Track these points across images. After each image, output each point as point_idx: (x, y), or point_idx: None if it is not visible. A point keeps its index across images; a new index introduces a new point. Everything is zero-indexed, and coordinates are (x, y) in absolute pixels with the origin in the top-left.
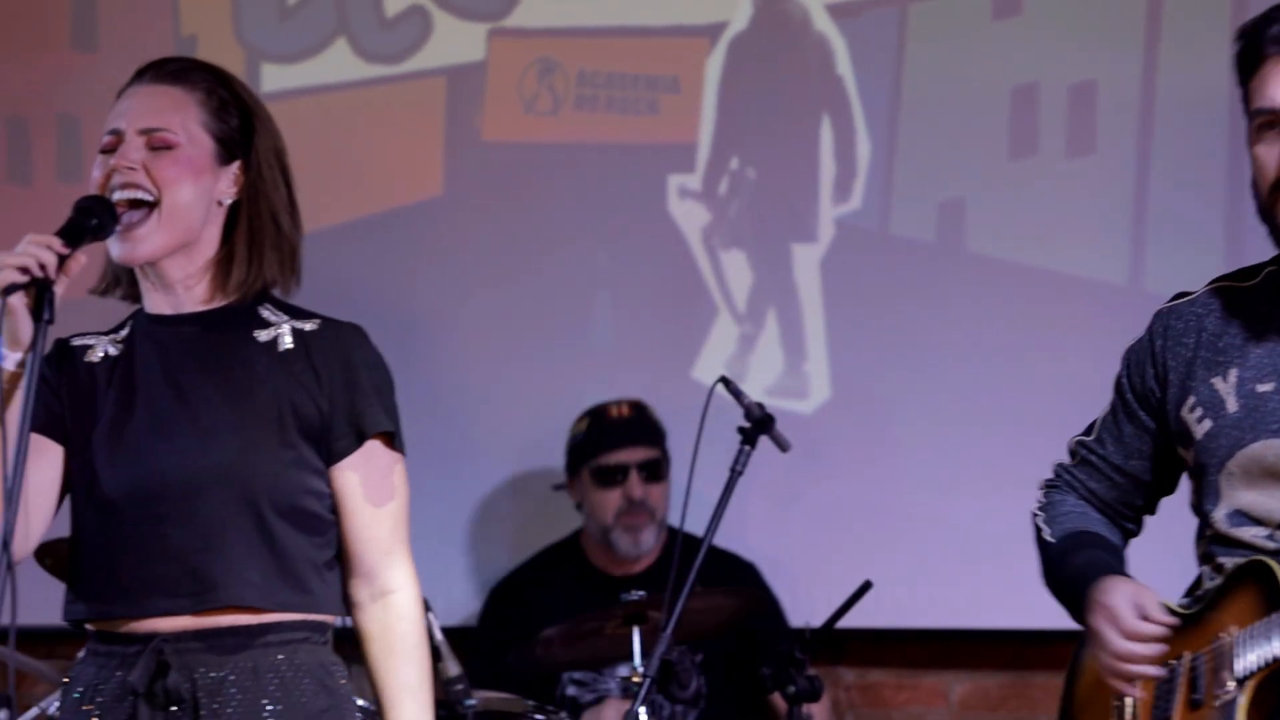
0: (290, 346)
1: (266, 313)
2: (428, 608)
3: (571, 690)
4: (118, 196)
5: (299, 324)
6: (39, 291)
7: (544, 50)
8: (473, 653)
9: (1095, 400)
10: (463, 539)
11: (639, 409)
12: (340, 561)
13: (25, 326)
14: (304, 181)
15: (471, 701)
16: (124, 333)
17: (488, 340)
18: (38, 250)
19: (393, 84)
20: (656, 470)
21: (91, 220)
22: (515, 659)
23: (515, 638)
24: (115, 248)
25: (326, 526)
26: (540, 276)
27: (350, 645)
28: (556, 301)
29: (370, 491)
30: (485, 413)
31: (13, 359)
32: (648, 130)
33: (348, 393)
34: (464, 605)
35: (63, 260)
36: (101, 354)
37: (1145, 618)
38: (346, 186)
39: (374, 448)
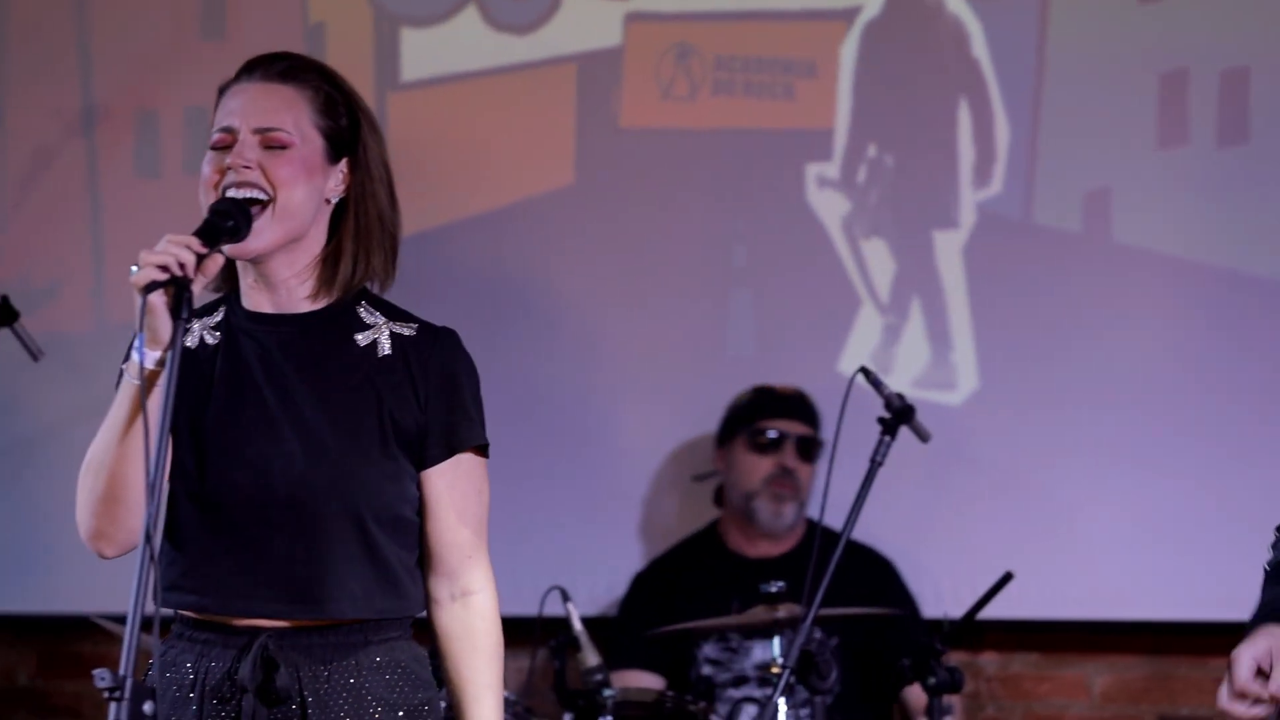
0: (389, 353)
1: (364, 312)
2: (566, 598)
3: (707, 670)
4: (231, 194)
5: (397, 327)
6: (177, 290)
7: (681, 35)
8: (612, 639)
9: (1239, 395)
10: (600, 531)
11: (803, 393)
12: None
13: (165, 324)
14: (443, 171)
15: (610, 691)
16: (217, 318)
17: (625, 331)
18: (177, 249)
19: (523, 71)
20: (810, 449)
21: (228, 222)
22: (654, 638)
23: (654, 621)
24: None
25: (415, 529)
26: (678, 268)
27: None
28: (696, 294)
29: (457, 499)
30: (623, 404)
31: (153, 356)
32: (785, 116)
33: (443, 404)
34: (602, 596)
35: (201, 260)
36: (198, 339)
37: (1261, 672)
38: (478, 176)
39: (464, 457)
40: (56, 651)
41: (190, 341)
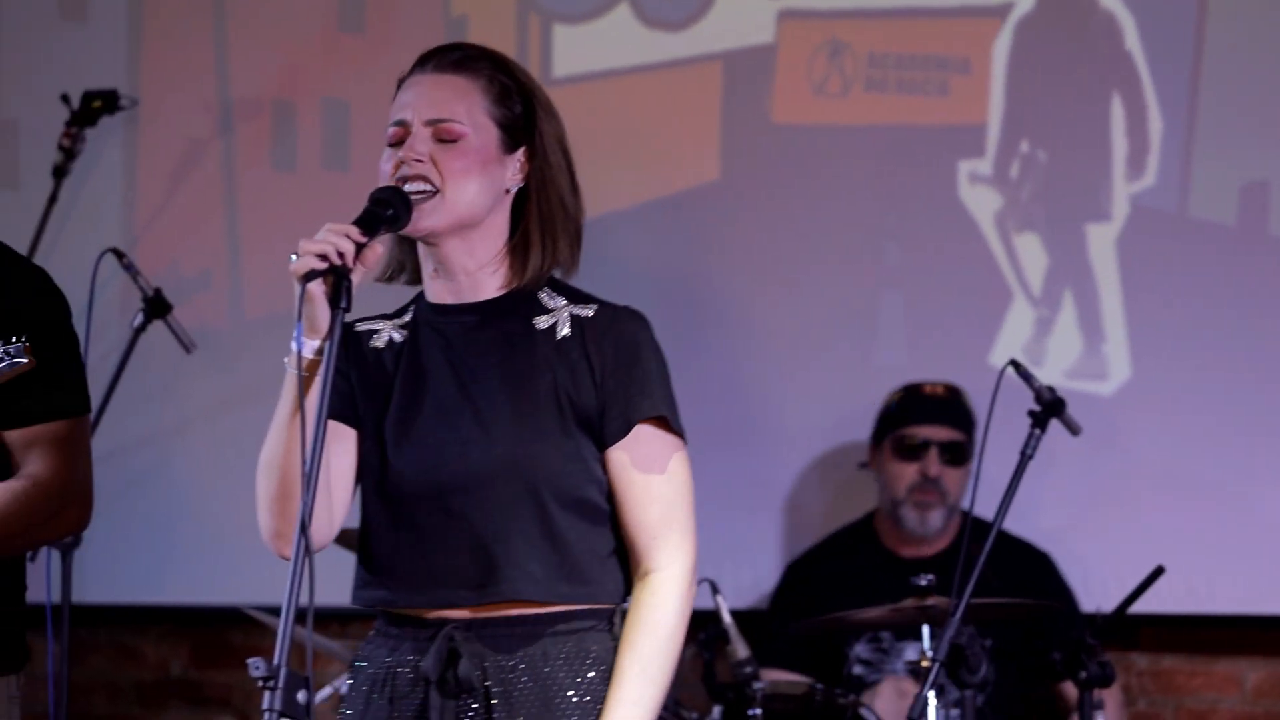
0: (568, 333)
1: (545, 296)
2: (715, 590)
3: (858, 670)
4: (406, 189)
5: (577, 309)
6: (337, 279)
7: (834, 32)
8: (763, 629)
9: None
10: (750, 524)
11: (954, 391)
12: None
13: (324, 314)
14: (591, 165)
15: (759, 684)
16: (406, 318)
17: (777, 324)
18: (336, 239)
19: (672, 68)
20: (957, 453)
21: (388, 211)
22: (804, 629)
23: (805, 614)
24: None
25: (604, 515)
26: (830, 262)
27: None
28: (846, 288)
29: (637, 476)
30: (775, 397)
31: (311, 346)
32: (937, 112)
33: (621, 378)
34: (752, 589)
35: (360, 249)
36: (386, 339)
37: None
38: (625, 172)
39: (643, 432)
40: (209, 642)
41: (379, 342)
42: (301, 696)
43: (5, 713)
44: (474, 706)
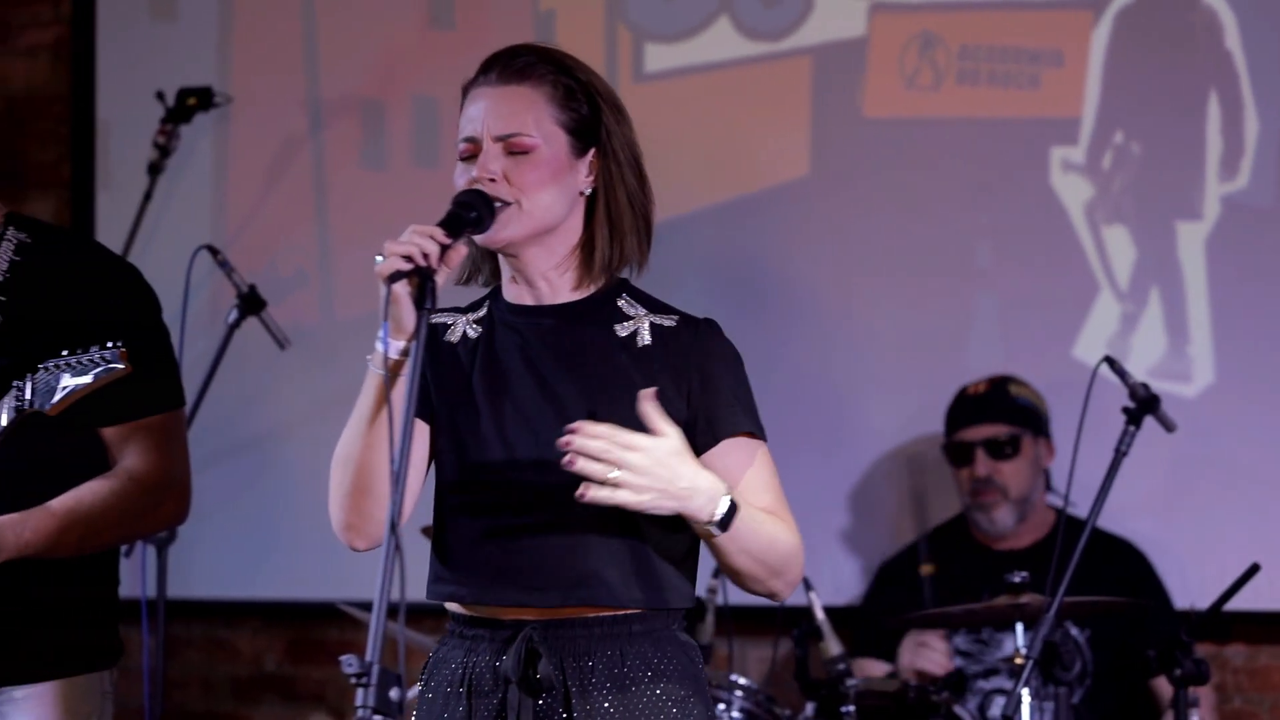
0: (649, 343)
1: (624, 304)
2: (809, 587)
3: (958, 662)
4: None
5: (657, 319)
6: (421, 280)
7: (925, 24)
8: (857, 625)
9: None
10: (845, 520)
11: (997, 385)
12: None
13: (409, 314)
14: (678, 162)
15: (853, 681)
16: (481, 313)
17: (866, 317)
18: (421, 240)
19: (761, 63)
20: (1004, 448)
21: (471, 213)
22: (900, 625)
23: (899, 610)
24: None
25: (682, 520)
26: (919, 255)
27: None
28: (937, 276)
29: (732, 479)
30: (865, 393)
31: (396, 346)
32: (1030, 105)
33: (705, 394)
34: (845, 585)
35: (444, 250)
36: (461, 334)
37: None
38: (715, 166)
39: (729, 444)
40: (303, 638)
41: (453, 336)
42: (394, 693)
43: (99, 707)
44: (553, 706)
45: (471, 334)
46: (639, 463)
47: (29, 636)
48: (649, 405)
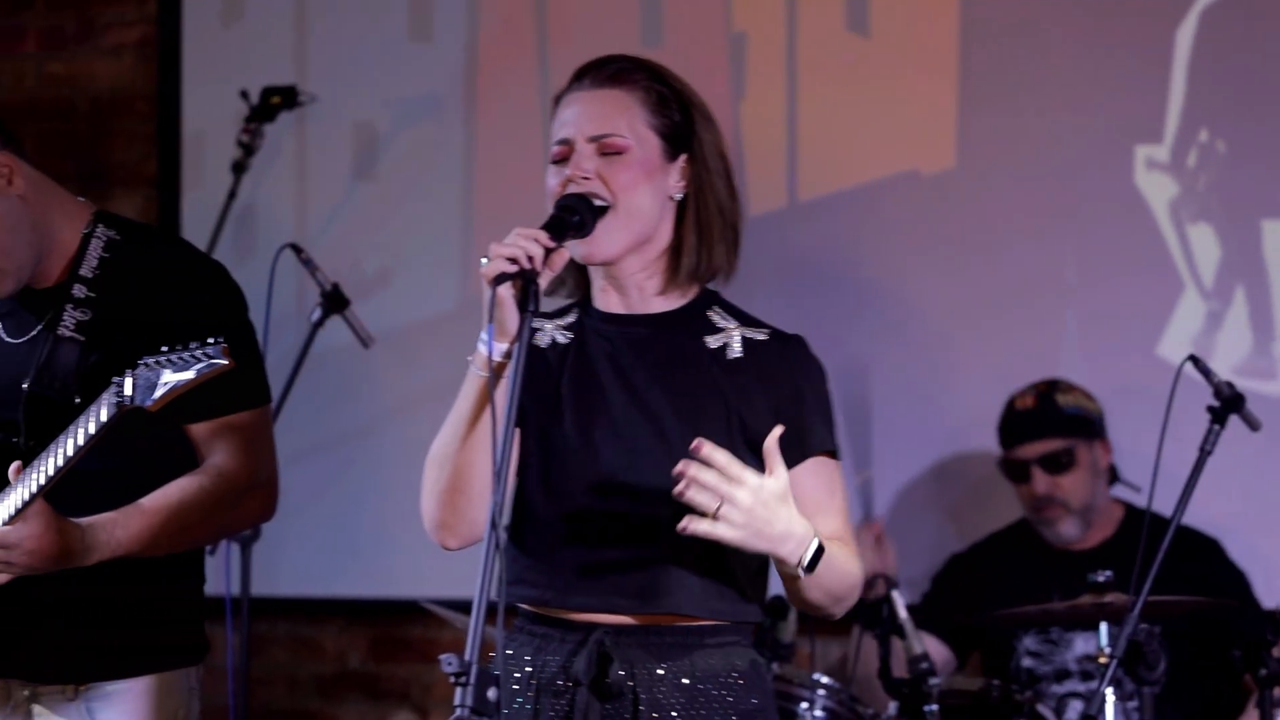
0: (739, 355)
1: (716, 316)
2: (892, 585)
3: (1028, 662)
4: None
5: (748, 332)
6: (525, 283)
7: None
8: (922, 603)
9: None
10: (927, 521)
11: (1044, 397)
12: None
13: (512, 317)
14: (770, 163)
15: (935, 680)
16: (570, 319)
17: (956, 311)
18: (526, 243)
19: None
20: (1060, 462)
21: (574, 217)
22: (980, 623)
23: (968, 605)
24: (578, 249)
25: None
26: (1003, 248)
27: None
28: (1019, 273)
29: (813, 501)
30: (953, 392)
31: (500, 349)
32: (1116, 98)
33: (794, 410)
34: (927, 584)
35: (548, 254)
36: (550, 339)
37: None
38: (814, 164)
39: (816, 463)
40: (387, 636)
41: (542, 341)
42: (492, 694)
43: (184, 704)
44: (620, 712)
45: (562, 340)
46: (743, 500)
47: (117, 633)
48: (773, 444)
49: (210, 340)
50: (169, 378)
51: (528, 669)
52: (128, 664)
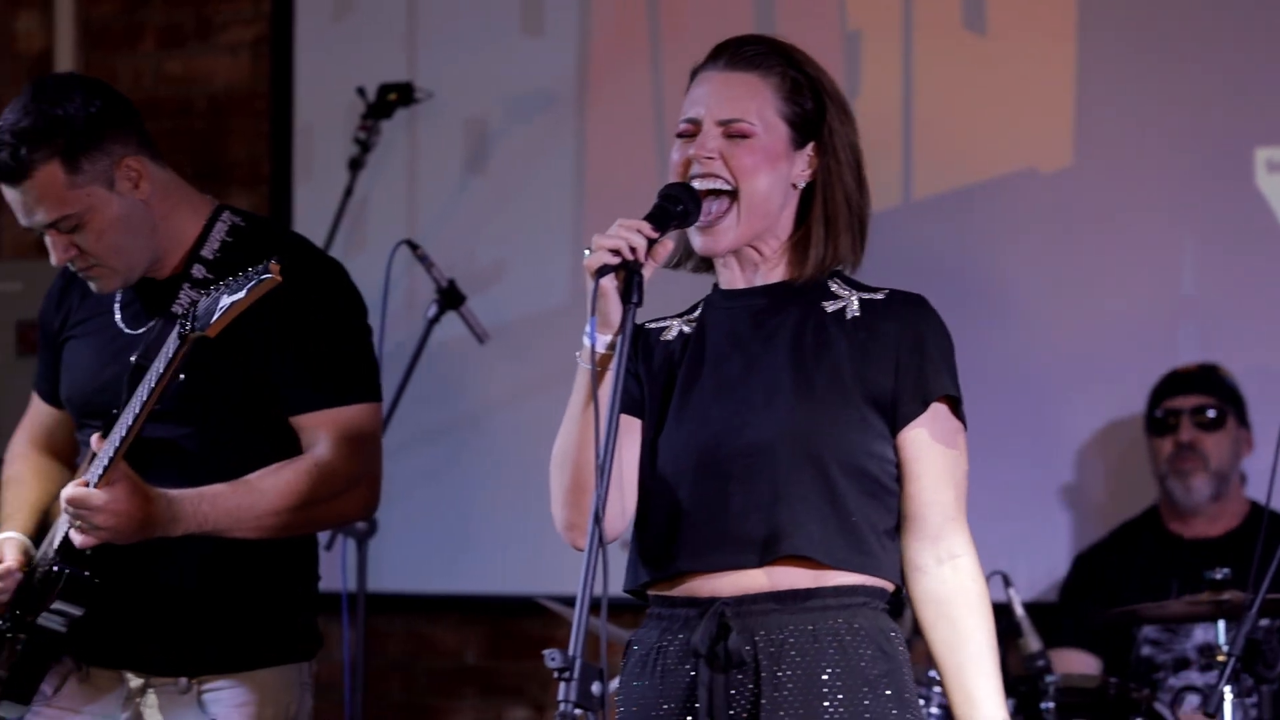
0: (858, 314)
1: (835, 286)
2: (1008, 583)
3: (1147, 651)
4: (696, 185)
5: (866, 295)
6: (628, 274)
7: None
8: (1053, 617)
9: None
10: (1042, 516)
11: (1209, 368)
12: (900, 528)
13: (615, 308)
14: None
15: (1052, 677)
16: (697, 313)
17: (1070, 313)
18: (628, 234)
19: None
20: (1210, 418)
21: (678, 207)
22: (1100, 621)
23: (1096, 602)
24: (697, 239)
25: (888, 494)
26: (1125, 248)
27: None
28: (1141, 272)
29: (937, 455)
30: (1068, 390)
31: (603, 340)
32: (1235, 98)
33: (914, 359)
34: (1043, 580)
35: (651, 244)
36: (676, 333)
37: None
38: (939, 160)
39: (940, 411)
40: (504, 632)
41: (668, 335)
42: (596, 688)
43: (297, 698)
44: (743, 681)
45: (686, 330)
46: None
47: (230, 627)
48: None
49: (263, 260)
50: (225, 301)
51: (655, 646)
52: (240, 658)
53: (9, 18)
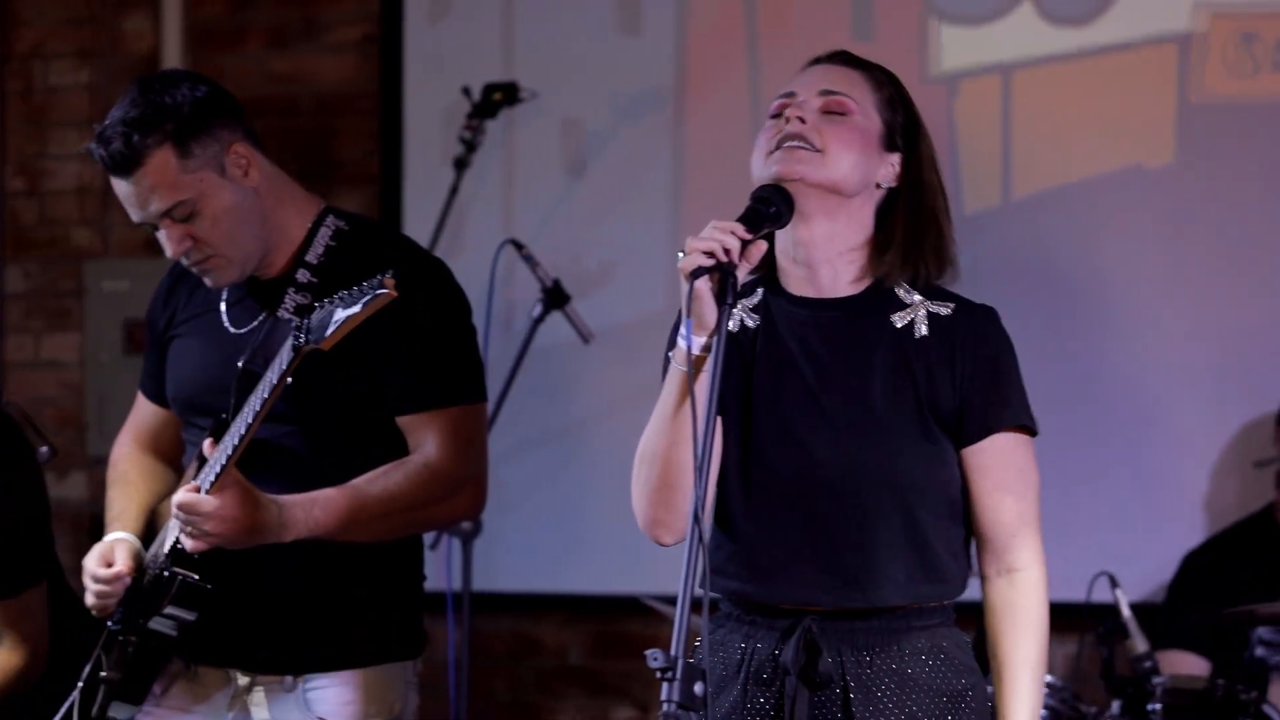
0: (926, 333)
1: (902, 291)
2: (1115, 584)
3: (1260, 652)
4: (786, 145)
5: (934, 306)
6: (723, 276)
7: (1250, 26)
8: (1161, 618)
9: None
10: (1149, 517)
11: None
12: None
13: (710, 310)
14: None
15: (1159, 678)
16: (755, 300)
17: (1180, 314)
18: (722, 236)
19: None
20: None
21: (770, 208)
22: (1211, 621)
23: (1204, 603)
24: (773, 167)
25: (959, 508)
26: (1240, 244)
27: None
28: (1246, 272)
29: (999, 478)
30: (1176, 389)
31: (698, 342)
32: None
33: (981, 383)
34: (1151, 581)
35: (745, 245)
36: (739, 322)
37: None
38: (1028, 159)
39: (1001, 438)
40: (608, 632)
41: (732, 325)
42: (698, 688)
43: (402, 696)
44: (830, 700)
45: (750, 323)
46: None
47: (336, 626)
48: None
49: (378, 275)
50: (340, 315)
51: (736, 657)
52: (345, 656)
53: (117, 19)
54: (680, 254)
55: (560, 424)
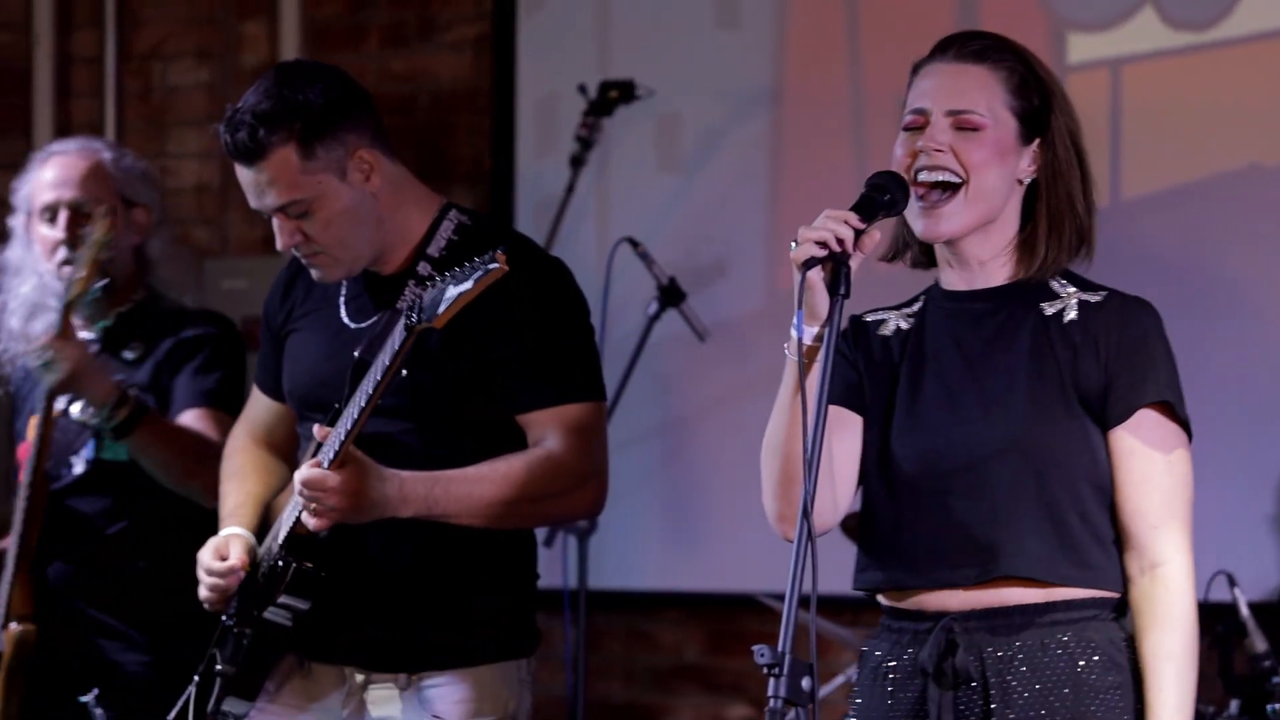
0: (1074, 318)
1: (1056, 284)
2: (1233, 582)
3: None
4: (923, 178)
5: (1086, 296)
6: (835, 266)
7: None
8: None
9: None
10: (1268, 516)
11: None
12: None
13: (823, 300)
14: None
15: (1278, 679)
16: (916, 307)
17: None
18: (835, 225)
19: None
20: None
21: (885, 196)
22: None
23: None
24: (918, 223)
25: (1109, 500)
26: None
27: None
28: None
29: (1139, 462)
30: None
31: (810, 332)
32: None
33: (1125, 361)
34: (1270, 581)
35: (858, 235)
36: (894, 328)
37: None
38: (1151, 155)
39: (1146, 417)
40: (723, 629)
41: (886, 330)
42: (806, 683)
43: (517, 694)
44: (972, 698)
45: (904, 326)
46: None
47: (451, 624)
48: None
49: (489, 250)
50: (451, 292)
51: (886, 662)
52: (460, 655)
53: (236, 21)
54: (793, 244)
55: (677, 421)
